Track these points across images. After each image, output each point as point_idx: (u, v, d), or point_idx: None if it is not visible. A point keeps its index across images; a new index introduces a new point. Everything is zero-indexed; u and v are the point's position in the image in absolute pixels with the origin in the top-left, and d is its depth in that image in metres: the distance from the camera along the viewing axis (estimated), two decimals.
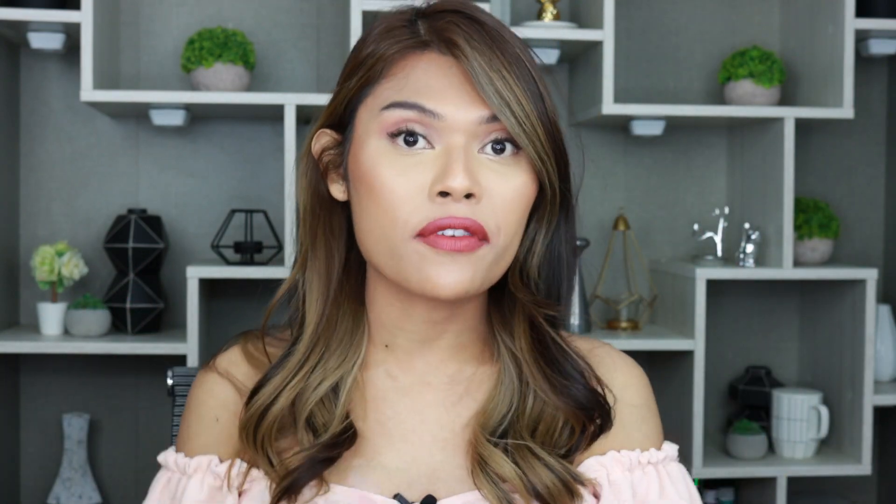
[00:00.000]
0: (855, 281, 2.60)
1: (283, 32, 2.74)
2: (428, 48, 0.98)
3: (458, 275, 0.95)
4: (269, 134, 2.73)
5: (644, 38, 2.85)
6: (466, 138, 0.96)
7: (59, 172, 2.70)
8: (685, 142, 2.87)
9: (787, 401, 2.64)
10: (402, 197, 0.95)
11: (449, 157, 0.95)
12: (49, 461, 2.70)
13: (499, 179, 0.97)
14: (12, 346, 2.43)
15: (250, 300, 2.70)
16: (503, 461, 0.99)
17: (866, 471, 2.59)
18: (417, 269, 0.96)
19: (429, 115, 0.95)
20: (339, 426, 1.01)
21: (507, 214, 0.97)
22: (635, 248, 2.80)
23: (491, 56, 0.96)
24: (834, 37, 2.57)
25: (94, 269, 2.68)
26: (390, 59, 0.99)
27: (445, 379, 1.06)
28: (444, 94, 0.96)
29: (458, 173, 0.93)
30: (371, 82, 0.99)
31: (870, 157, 2.95)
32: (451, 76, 0.97)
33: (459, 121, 0.95)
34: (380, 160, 0.96)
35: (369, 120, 0.98)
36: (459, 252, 0.94)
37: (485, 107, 0.96)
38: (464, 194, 0.94)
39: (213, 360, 1.11)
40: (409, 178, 0.95)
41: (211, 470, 1.04)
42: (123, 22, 2.69)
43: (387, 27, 1.01)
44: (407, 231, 0.95)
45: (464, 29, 0.97)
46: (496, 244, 0.97)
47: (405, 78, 0.97)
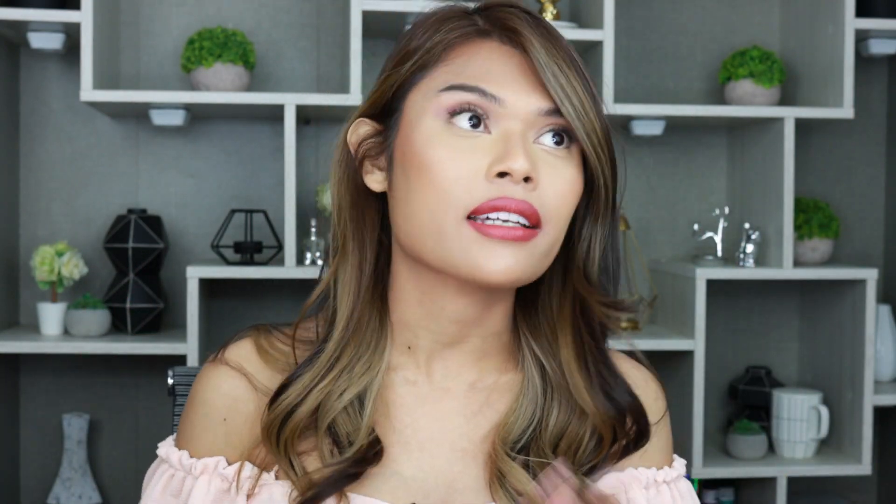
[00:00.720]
0: (855, 281, 2.60)
1: (283, 32, 2.74)
2: (489, 37, 0.98)
3: (509, 260, 0.93)
4: (268, 134, 2.73)
5: (644, 38, 2.85)
6: (524, 126, 0.95)
7: (59, 172, 2.70)
8: (685, 142, 2.87)
9: (787, 401, 2.64)
10: (456, 177, 0.93)
11: (508, 142, 0.94)
12: (49, 461, 2.70)
13: (552, 171, 0.96)
14: (12, 346, 2.43)
15: (250, 300, 2.70)
16: (524, 477, 0.98)
17: (866, 471, 2.59)
18: (466, 253, 0.93)
19: (490, 99, 0.95)
20: (365, 440, 0.99)
21: (560, 206, 0.96)
22: (635, 248, 2.80)
23: (552, 49, 0.96)
24: (834, 37, 2.57)
25: (94, 269, 2.68)
26: (450, 44, 0.98)
27: (465, 386, 1.04)
28: (505, 81, 0.95)
29: (519, 156, 0.93)
30: (427, 66, 0.98)
31: (870, 157, 2.95)
32: (512, 65, 0.96)
33: (520, 108, 0.95)
34: (434, 140, 0.95)
35: (424, 102, 0.97)
36: (512, 241, 0.93)
37: (545, 98, 0.96)
38: (524, 177, 0.93)
39: (222, 353, 1.06)
40: (465, 159, 0.94)
41: (218, 472, 1.01)
42: (123, 22, 2.69)
43: (440, 18, 1.00)
44: (459, 211, 0.93)
45: (526, 21, 0.97)
46: (548, 233, 0.96)
47: (465, 63, 0.96)
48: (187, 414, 1.05)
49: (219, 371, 1.05)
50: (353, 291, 1.02)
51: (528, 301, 1.05)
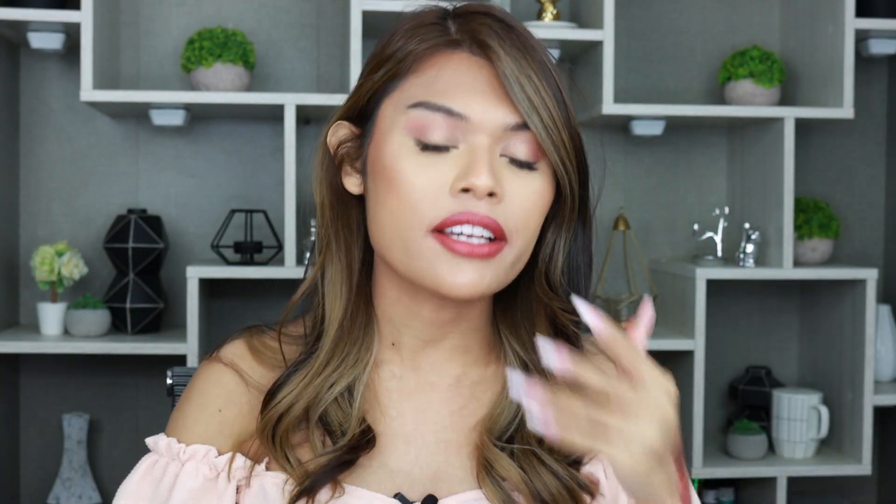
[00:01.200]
0: (855, 281, 2.60)
1: (283, 32, 2.74)
2: (459, 47, 0.98)
3: (473, 275, 0.95)
4: (268, 134, 2.73)
5: (644, 38, 2.85)
6: (491, 140, 0.96)
7: (59, 172, 2.70)
8: (685, 142, 2.87)
9: (787, 401, 2.64)
10: (422, 192, 0.95)
11: (473, 156, 0.95)
12: (49, 461, 2.70)
13: (519, 183, 0.97)
14: (12, 346, 2.43)
15: (250, 300, 2.70)
16: (509, 465, 1.00)
17: (866, 471, 2.59)
18: (431, 266, 0.96)
19: (455, 116, 0.96)
20: (357, 429, 1.01)
21: (526, 218, 0.97)
22: (635, 248, 2.80)
23: (522, 61, 0.97)
24: (834, 37, 2.57)
25: (94, 269, 2.68)
26: (420, 55, 0.99)
27: (450, 380, 1.07)
28: (473, 95, 0.96)
29: (482, 171, 0.94)
30: (398, 76, 0.99)
31: (870, 157, 2.95)
32: (480, 77, 0.97)
33: (486, 123, 0.96)
34: (402, 155, 0.96)
35: (394, 115, 0.98)
36: (477, 257, 0.95)
37: (512, 112, 0.96)
38: (486, 192, 0.94)
39: (217, 353, 1.10)
40: (431, 174, 0.96)
41: (208, 460, 1.02)
42: (123, 22, 2.69)
43: (416, 24, 1.01)
44: (423, 225, 0.95)
45: (496, 32, 0.98)
46: (515, 245, 0.97)
47: (434, 76, 0.97)
48: (181, 406, 1.07)
49: (215, 367, 1.08)
50: (345, 292, 1.04)
51: (505, 296, 1.07)
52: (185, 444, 1.03)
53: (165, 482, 1.01)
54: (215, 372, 1.08)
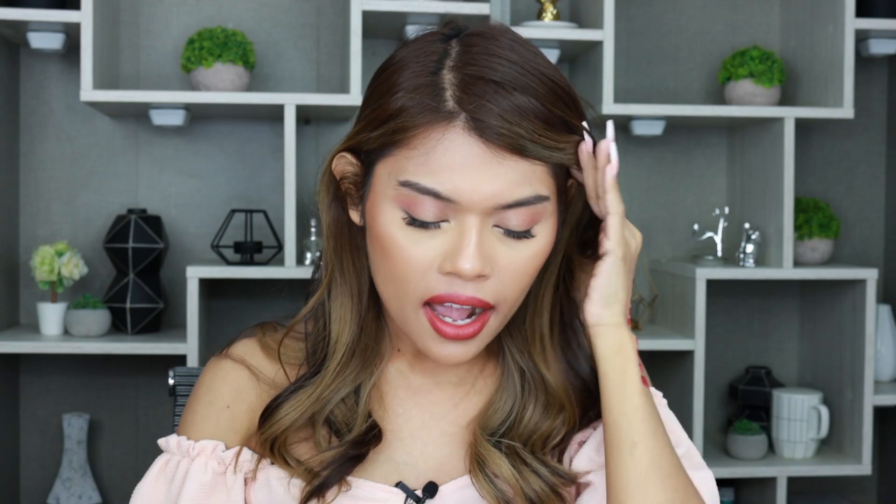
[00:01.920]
0: (855, 281, 2.60)
1: (283, 32, 2.74)
2: (453, 122, 0.95)
3: (459, 352, 1.00)
4: (268, 134, 2.73)
5: (644, 38, 2.85)
6: (482, 217, 0.96)
7: (59, 172, 2.70)
8: (685, 142, 2.87)
9: (787, 401, 2.64)
10: (413, 267, 0.97)
11: (461, 237, 0.96)
12: (49, 461, 2.70)
13: (510, 254, 0.98)
14: (12, 346, 2.43)
15: (250, 300, 2.70)
16: (501, 462, 1.03)
17: (866, 471, 2.59)
18: (422, 338, 1.00)
19: (443, 199, 0.95)
20: (363, 424, 1.04)
21: (517, 283, 0.99)
22: None
23: (529, 124, 0.95)
24: (834, 37, 2.57)
25: (94, 269, 2.68)
26: (414, 130, 0.95)
27: (455, 379, 1.10)
28: (462, 175, 0.94)
29: (467, 258, 0.95)
30: (391, 145, 0.97)
31: (870, 157, 2.95)
32: (473, 154, 0.94)
33: (475, 203, 0.95)
34: (393, 227, 0.98)
35: (387, 184, 0.98)
36: (462, 339, 0.99)
37: (506, 190, 0.95)
38: (473, 276, 0.96)
39: (227, 349, 1.12)
40: (421, 250, 0.97)
41: (217, 455, 1.05)
42: (123, 22, 2.69)
43: (417, 83, 0.96)
44: (415, 300, 0.98)
45: (500, 97, 0.95)
46: (501, 311, 1.00)
47: (426, 154, 0.95)
48: (190, 404, 1.10)
49: (224, 363, 1.11)
50: (354, 316, 1.06)
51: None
52: (194, 441, 1.06)
53: (177, 478, 1.04)
54: (223, 368, 1.10)
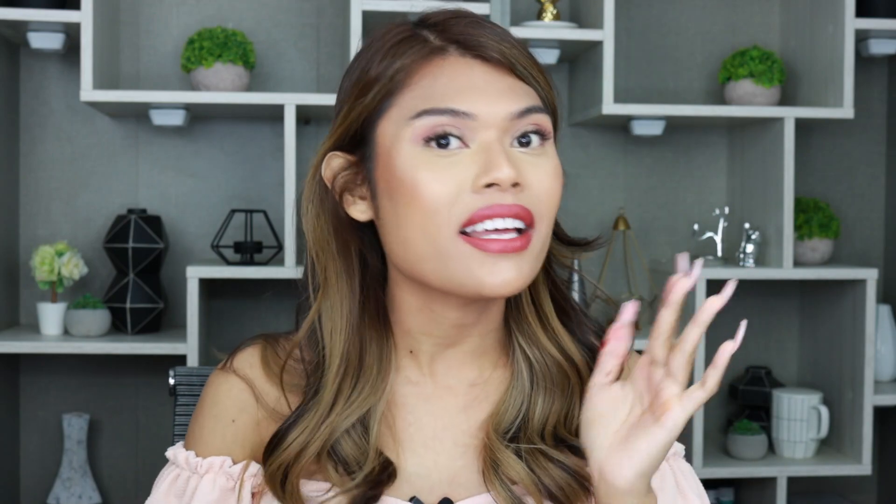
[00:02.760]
0: (855, 281, 2.60)
1: (283, 32, 2.74)
2: (446, 52, 0.99)
3: (512, 272, 0.95)
4: (268, 134, 2.73)
5: (644, 38, 2.85)
6: (500, 133, 0.97)
7: (59, 172, 2.70)
8: (685, 142, 2.87)
9: (787, 401, 2.64)
10: (444, 195, 0.95)
11: (489, 152, 0.96)
12: (49, 461, 2.70)
13: (535, 170, 0.98)
14: (12, 346, 2.43)
15: (250, 300, 2.70)
16: (516, 464, 1.00)
17: (866, 471, 2.59)
18: (468, 270, 0.95)
19: (462, 116, 0.96)
20: (376, 461, 1.00)
21: (549, 200, 0.98)
22: (635, 248, 2.80)
23: (511, 48, 1.00)
24: (834, 37, 2.57)
25: (94, 269, 2.68)
26: (410, 69, 0.98)
27: (466, 384, 1.07)
28: (473, 94, 0.97)
29: (503, 165, 0.94)
30: (392, 94, 0.98)
31: (870, 157, 2.95)
32: (475, 76, 0.98)
33: (492, 117, 0.96)
34: (417, 165, 0.96)
35: (397, 130, 0.97)
36: (511, 252, 0.95)
37: (513, 101, 0.97)
38: (511, 183, 0.94)
39: (230, 362, 1.09)
40: (450, 176, 0.95)
41: (224, 470, 1.03)
42: (123, 22, 2.69)
43: (392, 42, 1.00)
44: (452, 227, 0.95)
45: (477, 28, 1.00)
46: (540, 230, 0.98)
47: (430, 85, 0.97)
48: (196, 417, 1.08)
49: (228, 377, 1.08)
50: (347, 326, 1.03)
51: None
52: (202, 458, 1.04)
53: (186, 495, 1.03)
54: (227, 381, 1.08)
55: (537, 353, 1.05)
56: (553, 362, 1.05)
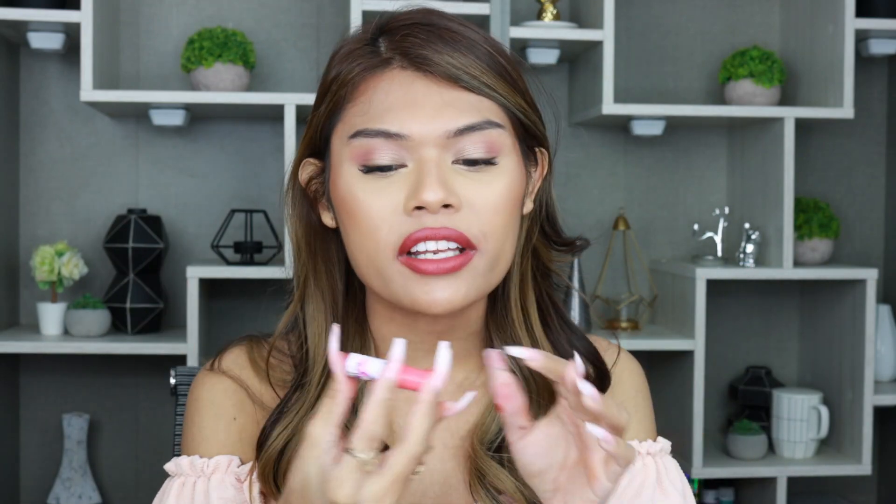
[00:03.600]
0: (855, 281, 2.60)
1: (283, 32, 2.74)
2: (390, 65, 0.97)
3: (447, 291, 0.94)
4: (269, 134, 2.73)
5: (644, 38, 2.85)
6: (438, 151, 0.95)
7: (59, 172, 2.70)
8: (685, 142, 2.87)
9: (787, 401, 2.64)
10: (379, 218, 0.94)
11: (420, 172, 0.94)
12: (49, 461, 2.70)
13: (479, 186, 0.95)
14: (12, 346, 2.43)
15: (250, 300, 2.70)
16: (502, 475, 0.99)
17: (866, 471, 2.59)
18: (404, 289, 0.95)
19: (394, 137, 0.94)
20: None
21: (492, 219, 0.95)
22: (635, 248, 2.80)
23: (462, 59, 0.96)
24: (834, 37, 2.57)
25: (94, 269, 2.68)
26: (353, 83, 0.97)
27: (453, 387, 1.06)
28: (407, 111, 0.94)
29: (430, 186, 0.92)
30: (338, 108, 0.98)
31: (870, 157, 2.95)
32: (413, 90, 0.95)
33: (428, 135, 0.94)
34: (354, 186, 0.96)
35: (341, 147, 0.98)
36: (446, 273, 0.94)
37: (453, 117, 0.95)
38: (440, 205, 0.93)
39: (218, 362, 1.08)
40: (383, 198, 0.95)
41: (232, 470, 1.02)
42: (123, 22, 2.69)
43: (349, 49, 0.99)
44: (388, 251, 0.95)
45: (429, 39, 0.96)
46: (486, 250, 0.96)
47: (368, 102, 0.96)
48: (193, 420, 1.06)
49: (220, 378, 1.07)
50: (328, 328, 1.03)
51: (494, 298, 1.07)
52: (207, 458, 1.03)
53: (198, 500, 1.01)
54: (220, 382, 1.07)
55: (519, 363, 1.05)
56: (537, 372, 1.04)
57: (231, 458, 1.03)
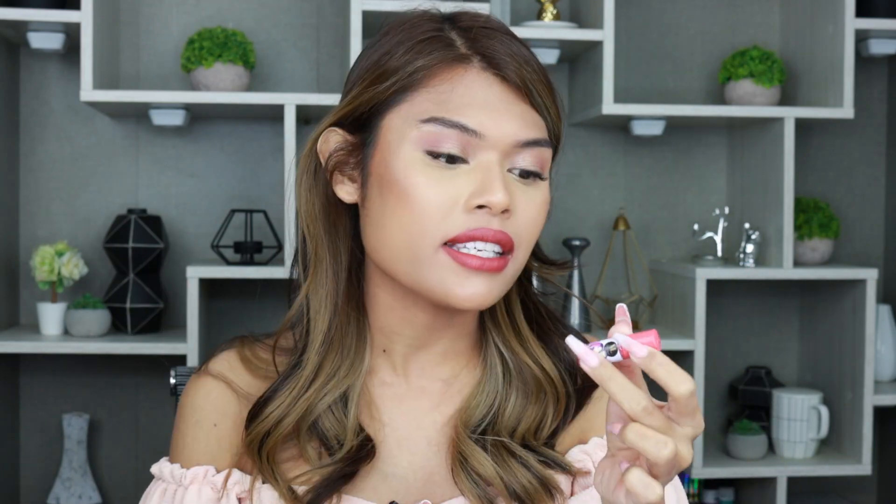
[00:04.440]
0: (855, 281, 2.60)
1: (283, 32, 2.74)
2: (469, 63, 0.99)
3: (482, 288, 0.97)
4: (269, 134, 2.73)
5: (644, 38, 2.85)
6: (500, 157, 0.97)
7: (59, 172, 2.70)
8: (685, 142, 2.87)
9: (787, 401, 2.64)
10: (435, 207, 0.96)
11: (487, 173, 0.97)
12: (49, 461, 2.70)
13: (525, 198, 0.99)
14: (12, 346, 2.43)
15: (250, 300, 2.70)
16: (483, 459, 1.01)
17: (866, 471, 2.59)
18: (441, 280, 0.97)
19: (469, 133, 0.96)
20: (355, 439, 1.02)
21: (532, 230, 1.00)
22: (635, 248, 2.80)
23: (532, 73, 0.99)
24: (834, 37, 2.57)
25: (94, 269, 2.68)
26: (430, 70, 0.99)
27: (440, 384, 1.07)
28: (486, 112, 0.97)
29: (498, 189, 0.95)
30: (407, 89, 0.99)
31: (870, 157, 2.95)
32: (492, 93, 0.98)
33: (498, 139, 0.97)
34: (414, 169, 0.97)
35: (404, 127, 0.98)
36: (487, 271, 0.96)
37: (522, 127, 0.98)
38: (502, 209, 0.96)
39: (206, 366, 1.09)
40: (444, 189, 0.96)
41: (208, 480, 1.03)
42: (123, 22, 2.69)
43: (418, 39, 1.00)
44: (436, 239, 0.96)
45: (504, 46, 0.99)
46: (517, 257, 0.99)
47: (448, 92, 0.97)
48: (178, 426, 1.08)
49: (204, 381, 1.08)
50: (331, 304, 1.04)
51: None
52: (185, 469, 1.04)
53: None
54: (204, 386, 1.08)
55: (511, 355, 1.07)
56: (527, 368, 1.06)
57: (207, 468, 1.04)
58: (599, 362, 0.81)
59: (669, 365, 0.80)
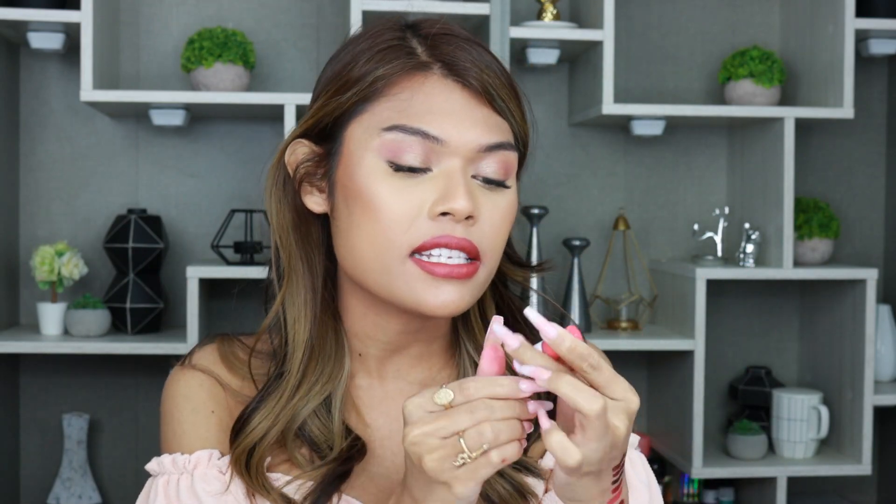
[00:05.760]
0: (855, 281, 2.60)
1: (283, 32, 2.74)
2: (430, 70, 0.99)
3: (453, 295, 0.97)
4: (268, 134, 2.73)
5: (644, 38, 2.85)
6: (464, 163, 0.97)
7: (59, 172, 2.70)
8: (685, 142, 2.87)
9: (787, 401, 2.64)
10: (399, 215, 0.96)
11: (450, 179, 0.96)
12: (49, 461, 2.70)
13: (490, 204, 0.99)
14: (12, 346, 2.43)
15: (250, 300, 2.69)
16: None
17: (866, 471, 2.59)
18: (411, 289, 0.97)
19: (431, 140, 0.96)
20: (344, 439, 1.02)
21: (497, 236, 1.00)
22: (635, 248, 2.80)
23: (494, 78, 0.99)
24: (834, 37, 2.57)
25: (94, 269, 2.68)
26: (390, 78, 0.99)
27: (416, 386, 1.08)
28: (447, 118, 0.97)
29: (461, 196, 0.95)
30: (368, 99, 0.99)
31: (870, 157, 2.95)
32: (453, 100, 0.98)
33: (461, 145, 0.97)
34: (376, 178, 0.97)
35: (365, 137, 0.98)
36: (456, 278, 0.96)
37: (485, 133, 0.98)
38: (465, 216, 0.96)
39: (189, 359, 1.10)
40: (407, 197, 0.96)
41: (213, 462, 1.03)
42: (123, 22, 2.69)
43: (379, 47, 1.00)
44: (403, 249, 0.96)
45: (466, 52, 1.00)
46: (487, 264, 0.99)
47: (408, 100, 0.98)
48: (172, 416, 1.07)
49: (194, 373, 1.08)
50: (310, 313, 1.04)
51: None
52: (188, 455, 1.03)
53: (184, 497, 1.01)
54: (195, 377, 1.08)
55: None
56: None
57: (211, 451, 1.04)
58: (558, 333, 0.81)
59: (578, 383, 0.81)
